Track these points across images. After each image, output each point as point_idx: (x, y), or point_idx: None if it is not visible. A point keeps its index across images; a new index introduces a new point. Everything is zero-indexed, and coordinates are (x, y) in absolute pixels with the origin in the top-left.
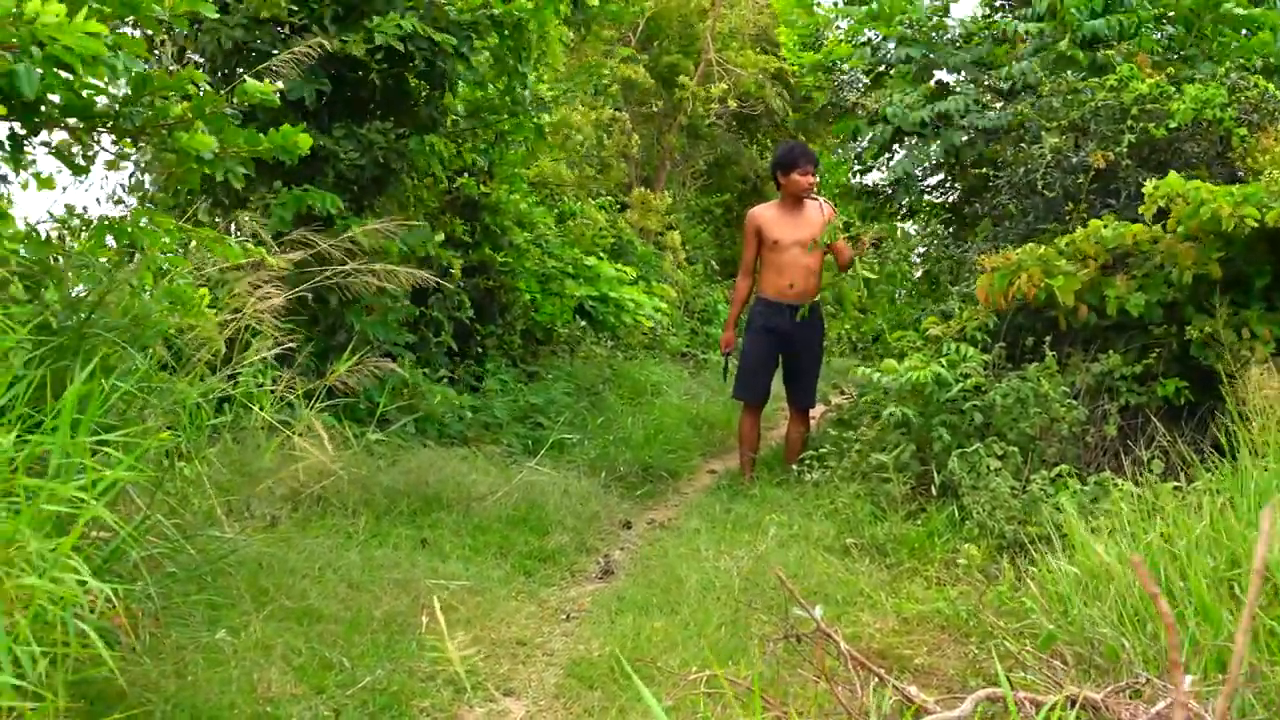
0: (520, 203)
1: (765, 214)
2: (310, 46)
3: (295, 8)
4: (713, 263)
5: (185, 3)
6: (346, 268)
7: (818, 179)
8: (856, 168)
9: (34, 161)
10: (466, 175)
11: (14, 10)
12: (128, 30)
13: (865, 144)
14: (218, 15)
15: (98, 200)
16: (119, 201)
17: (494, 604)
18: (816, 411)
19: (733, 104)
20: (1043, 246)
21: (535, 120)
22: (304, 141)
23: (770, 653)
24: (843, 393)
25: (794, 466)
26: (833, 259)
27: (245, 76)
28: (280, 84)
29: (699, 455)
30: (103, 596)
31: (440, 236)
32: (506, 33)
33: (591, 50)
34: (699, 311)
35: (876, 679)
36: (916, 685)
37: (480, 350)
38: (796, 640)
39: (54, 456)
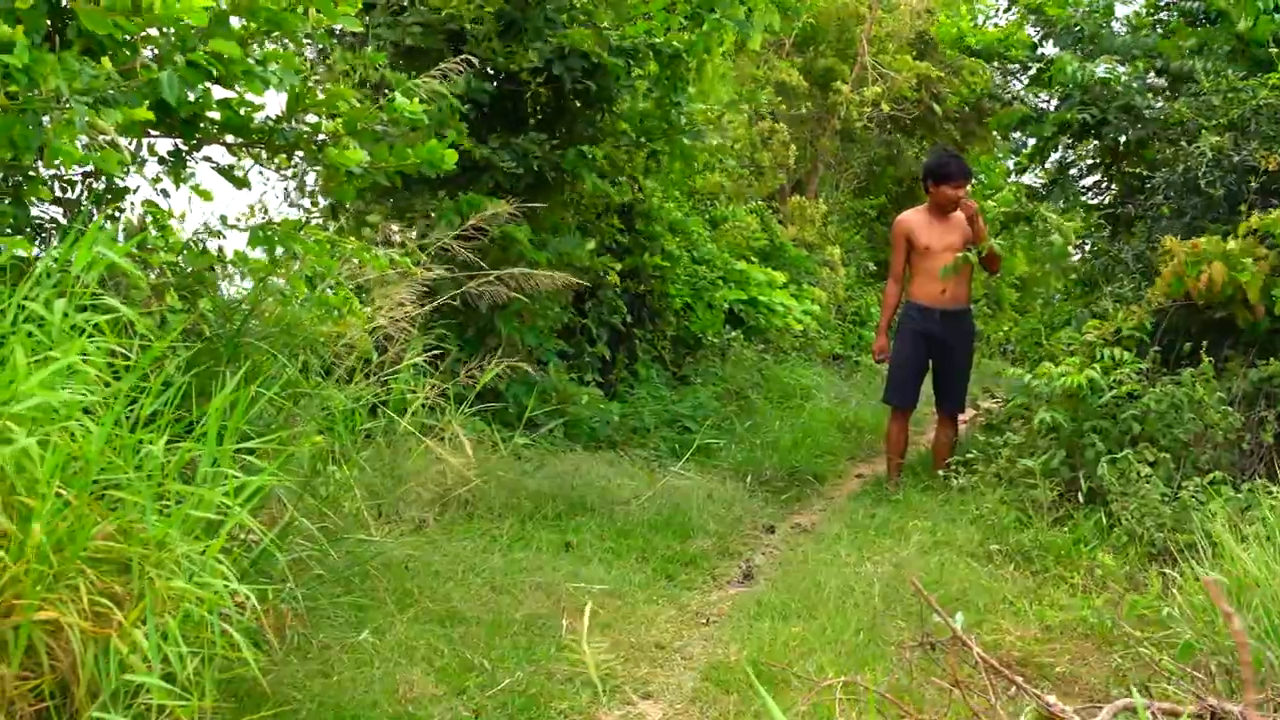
0: (674, 210)
1: (914, 220)
2: (477, 55)
3: (473, 17)
4: (868, 264)
5: (328, 18)
6: (489, 274)
7: (968, 192)
8: (1013, 165)
9: (193, 174)
10: (622, 180)
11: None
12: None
13: (1024, 144)
14: (393, 17)
15: (262, 209)
16: (294, 205)
17: (634, 607)
18: (965, 416)
19: (887, 107)
20: (1230, 240)
21: (688, 146)
22: (450, 156)
23: (906, 660)
24: (993, 397)
25: (940, 472)
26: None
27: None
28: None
29: (847, 459)
30: (252, 599)
31: (592, 244)
32: (665, 62)
33: (748, 59)
34: (852, 314)
35: (1014, 687)
36: (1057, 694)
37: (631, 355)
38: (931, 648)
39: (202, 463)
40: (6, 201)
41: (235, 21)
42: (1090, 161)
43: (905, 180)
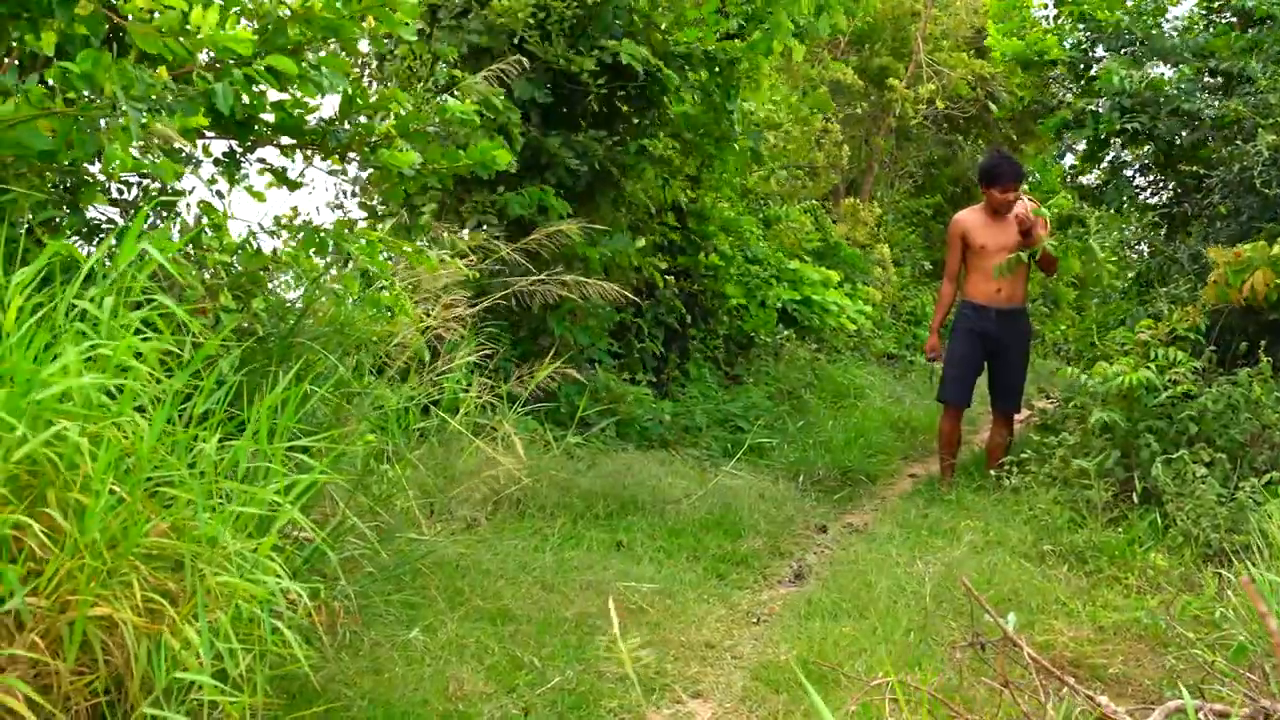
0: (727, 211)
1: (969, 220)
2: (539, 57)
3: (531, 21)
4: (924, 264)
5: (384, 26)
6: (529, 278)
7: (1020, 195)
8: (1070, 167)
9: (246, 176)
10: (675, 180)
11: (183, 24)
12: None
13: (1076, 145)
14: (455, 20)
15: (316, 209)
16: (339, 207)
17: (684, 606)
18: (1020, 416)
19: (941, 105)
20: (1276, 244)
21: (742, 146)
22: (503, 157)
23: (957, 660)
24: (1048, 397)
25: (992, 472)
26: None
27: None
28: (488, 92)
29: (900, 459)
30: (303, 596)
31: (642, 242)
32: (718, 69)
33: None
34: (906, 313)
35: (1066, 688)
36: (1110, 695)
37: (683, 354)
38: (981, 648)
39: (242, 459)
40: (64, 205)
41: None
42: (1144, 163)
43: (961, 179)
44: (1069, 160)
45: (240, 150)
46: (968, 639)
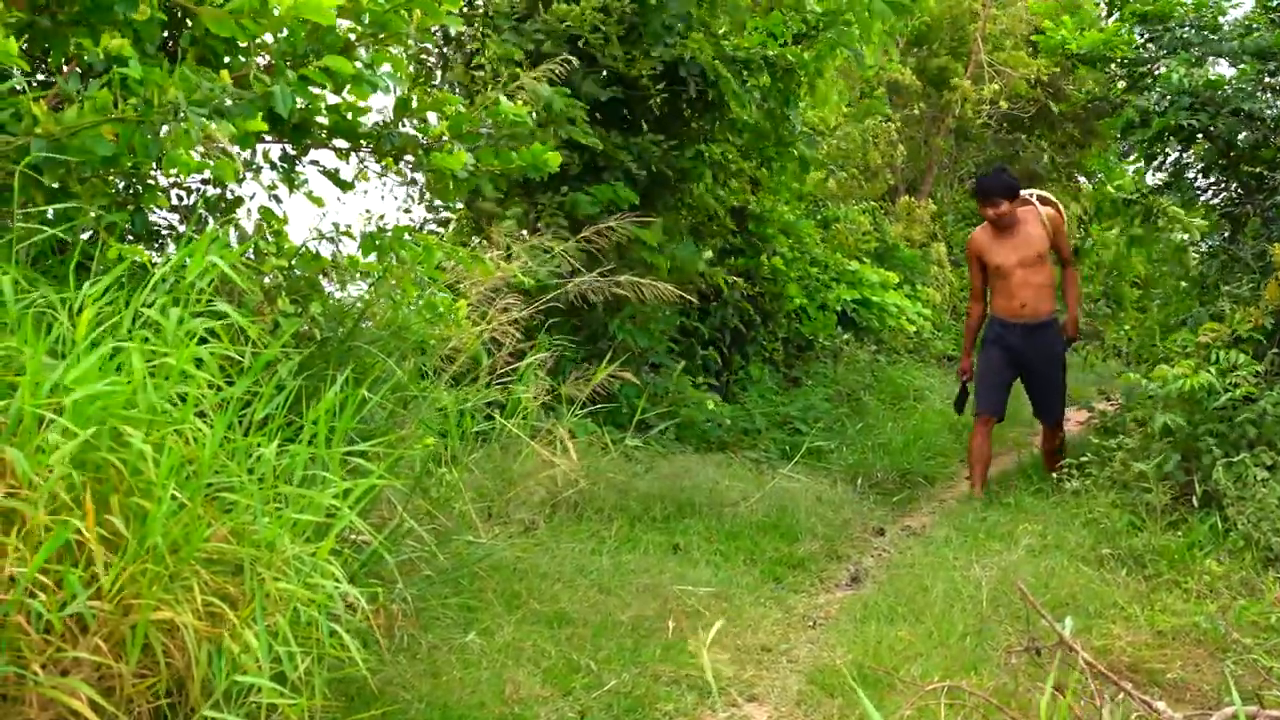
0: (787, 213)
1: (981, 239)
2: (598, 60)
3: (596, 22)
4: None
5: (432, 18)
6: (586, 277)
7: (1005, 206)
8: (1132, 170)
9: (305, 180)
10: (734, 184)
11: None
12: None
13: (1132, 148)
14: (515, 24)
15: (376, 215)
16: (407, 210)
17: (741, 610)
18: (1081, 416)
19: (1004, 104)
20: None
21: (801, 152)
22: (553, 159)
23: (1012, 665)
24: (1108, 399)
25: (1054, 475)
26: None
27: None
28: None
29: (959, 461)
30: (361, 600)
31: (709, 253)
32: (777, 75)
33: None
34: (966, 314)
35: (1122, 693)
36: (1167, 701)
37: (744, 357)
38: (1036, 653)
39: (298, 465)
40: (128, 209)
41: (341, 23)
42: (1205, 163)
43: (1022, 179)
44: (1131, 156)
45: (295, 153)
46: (1023, 643)
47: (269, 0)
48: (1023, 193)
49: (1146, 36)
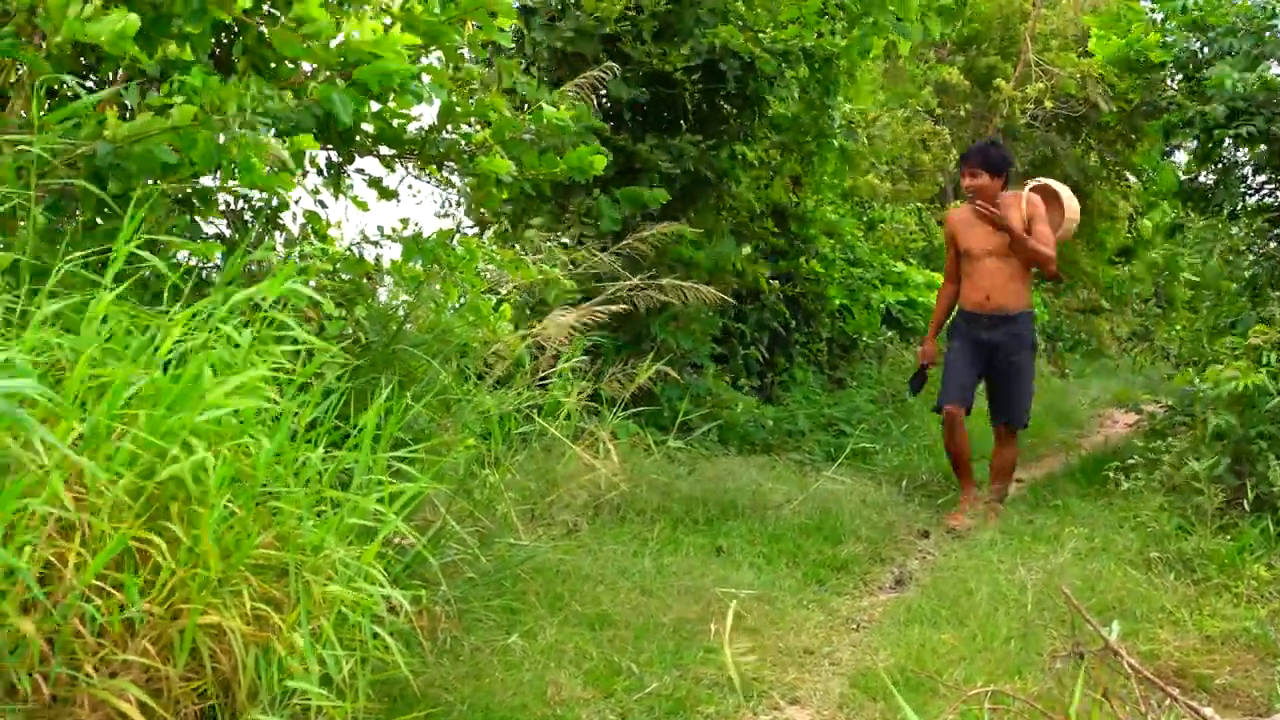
0: (830, 213)
1: (958, 219)
2: (632, 57)
3: (626, 21)
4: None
5: (482, 33)
6: (629, 282)
7: (985, 179)
8: (1181, 170)
9: (351, 186)
10: (774, 183)
11: (335, 32)
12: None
13: (1185, 145)
14: (549, 23)
15: (413, 220)
16: (446, 214)
17: (783, 612)
18: (1129, 419)
19: (1050, 104)
20: None
21: (842, 144)
22: (599, 162)
23: (1057, 669)
24: (1156, 401)
25: (995, 489)
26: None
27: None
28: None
29: None
30: (405, 603)
31: (748, 250)
32: (816, 65)
33: (908, 60)
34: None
35: (1169, 699)
36: (1216, 707)
37: (787, 358)
38: (1081, 657)
39: (358, 471)
40: (185, 218)
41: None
42: (1257, 164)
43: (1071, 179)
44: (1179, 157)
45: (340, 160)
46: (1069, 648)
47: (344, 28)
48: (1029, 183)
49: (1199, 43)
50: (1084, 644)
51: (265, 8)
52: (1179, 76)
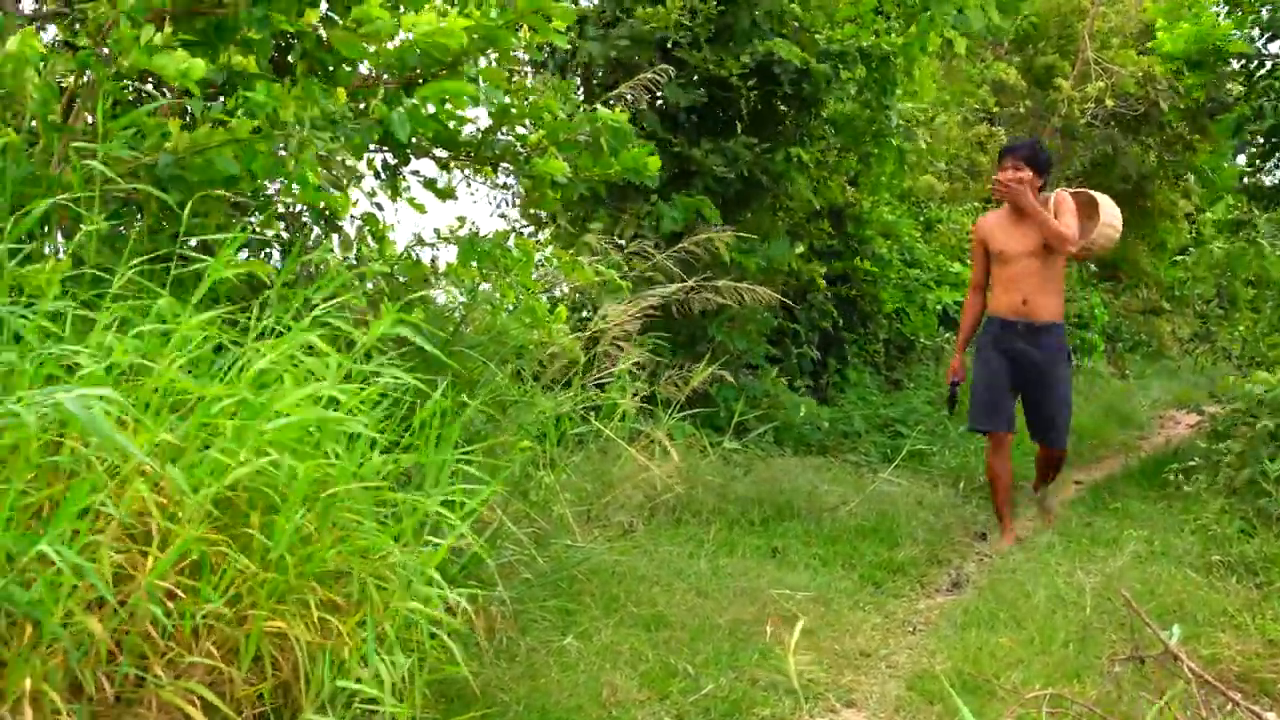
0: (886, 214)
1: (990, 222)
2: (686, 62)
3: (685, 24)
4: (1090, 265)
5: (541, 35)
6: (684, 285)
7: (1027, 174)
8: (1246, 167)
9: (409, 188)
10: (832, 184)
11: (395, 30)
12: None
13: (1252, 143)
14: (603, 30)
15: (469, 220)
16: (502, 216)
17: (839, 615)
18: (1190, 420)
19: (1111, 103)
20: None
21: (900, 145)
22: (653, 164)
23: (1116, 673)
24: (1219, 402)
25: (1043, 486)
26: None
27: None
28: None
29: (1066, 466)
30: (464, 604)
31: (800, 249)
32: (874, 65)
33: (964, 59)
34: (1073, 316)
35: (1231, 704)
36: (1278, 712)
37: (840, 359)
38: (1141, 662)
39: (429, 474)
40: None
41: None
42: None
43: (1131, 178)
44: (1242, 159)
45: (396, 162)
46: (1128, 652)
47: (403, 23)
48: (1063, 189)
49: (1266, 36)
50: (1143, 648)
51: (323, 9)
52: (1243, 74)
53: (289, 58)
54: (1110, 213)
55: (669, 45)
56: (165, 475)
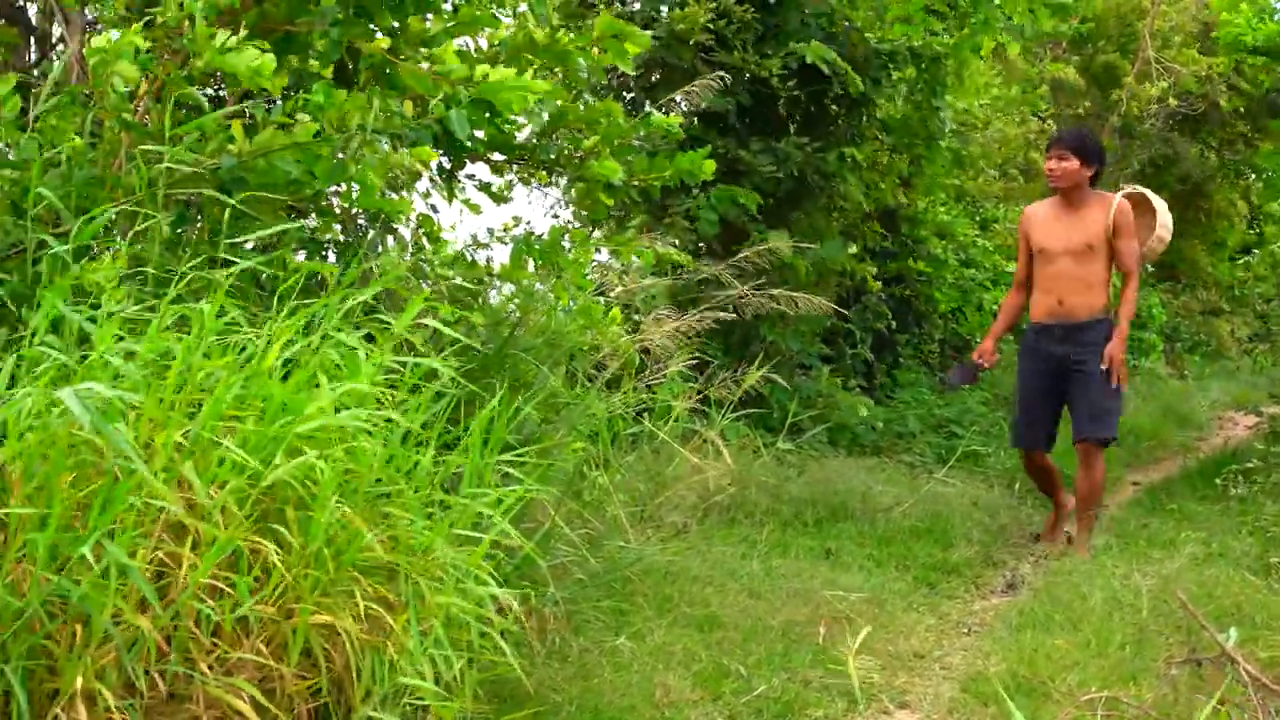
0: (941, 214)
1: (1035, 214)
2: (728, 65)
3: (714, 28)
4: (1147, 265)
5: (608, 58)
6: (738, 290)
7: (1074, 165)
8: None
9: (464, 189)
10: (884, 185)
11: (468, 75)
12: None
13: None
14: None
15: (524, 220)
16: (555, 216)
17: (893, 616)
18: (1250, 421)
19: (1173, 102)
20: None
21: (950, 146)
22: (708, 166)
23: (1173, 676)
24: (1278, 403)
25: (1082, 520)
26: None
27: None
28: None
29: (1123, 467)
30: (514, 604)
31: (854, 249)
32: (924, 65)
33: (1022, 59)
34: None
35: None
36: None
37: (896, 360)
38: (1198, 664)
39: (467, 475)
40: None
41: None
42: None
43: (1190, 178)
44: None
45: (452, 165)
46: (1185, 655)
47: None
48: (1124, 188)
49: None
50: (1200, 651)
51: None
52: None
53: (353, 63)
54: (1164, 219)
55: (708, 48)
56: (183, 474)
